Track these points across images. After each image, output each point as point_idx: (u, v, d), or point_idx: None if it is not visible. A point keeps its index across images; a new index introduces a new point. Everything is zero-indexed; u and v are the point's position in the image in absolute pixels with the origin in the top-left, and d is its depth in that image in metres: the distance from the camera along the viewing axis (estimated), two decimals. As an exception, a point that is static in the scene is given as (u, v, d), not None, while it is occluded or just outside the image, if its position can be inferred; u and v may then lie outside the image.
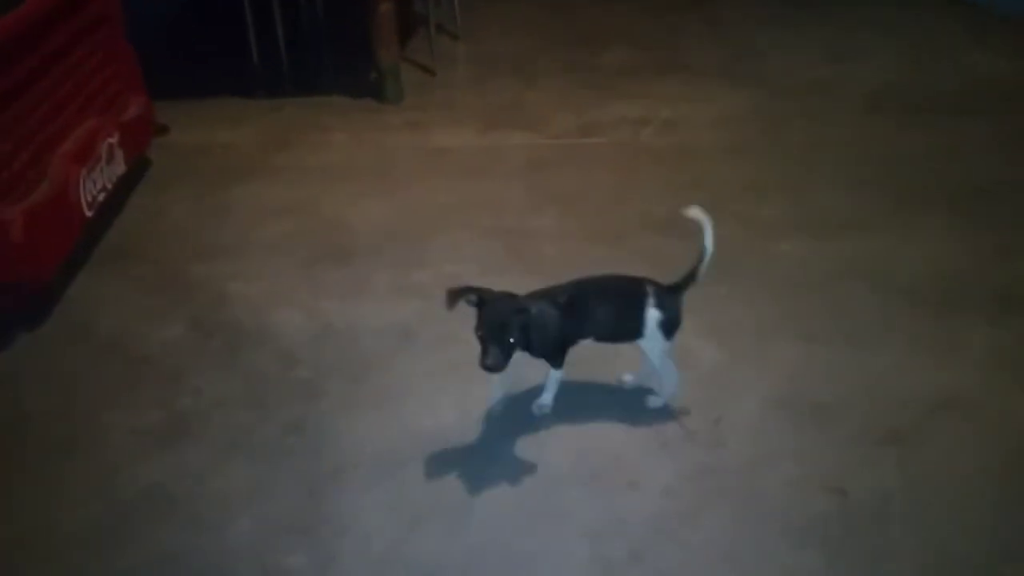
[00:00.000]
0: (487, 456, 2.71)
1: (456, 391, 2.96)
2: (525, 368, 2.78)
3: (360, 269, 3.76)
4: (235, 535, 2.44)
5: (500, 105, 5.48)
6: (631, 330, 2.68)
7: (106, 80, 4.14)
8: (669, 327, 2.69)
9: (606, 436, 2.81)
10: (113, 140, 3.96)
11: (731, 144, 4.89)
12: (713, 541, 2.43)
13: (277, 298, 3.55)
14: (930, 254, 3.77)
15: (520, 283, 3.55)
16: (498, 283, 3.58)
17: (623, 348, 2.78)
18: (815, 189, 4.39)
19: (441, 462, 2.66)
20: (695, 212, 2.72)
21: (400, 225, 4.11)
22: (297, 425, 2.87)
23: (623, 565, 2.36)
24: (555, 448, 2.76)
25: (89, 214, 3.71)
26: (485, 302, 2.48)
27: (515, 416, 2.87)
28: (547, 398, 2.83)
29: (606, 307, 2.68)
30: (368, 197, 4.36)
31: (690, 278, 2.71)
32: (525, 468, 2.68)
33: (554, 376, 2.78)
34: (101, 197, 3.85)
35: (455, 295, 2.47)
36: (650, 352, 2.73)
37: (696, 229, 2.72)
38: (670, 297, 2.69)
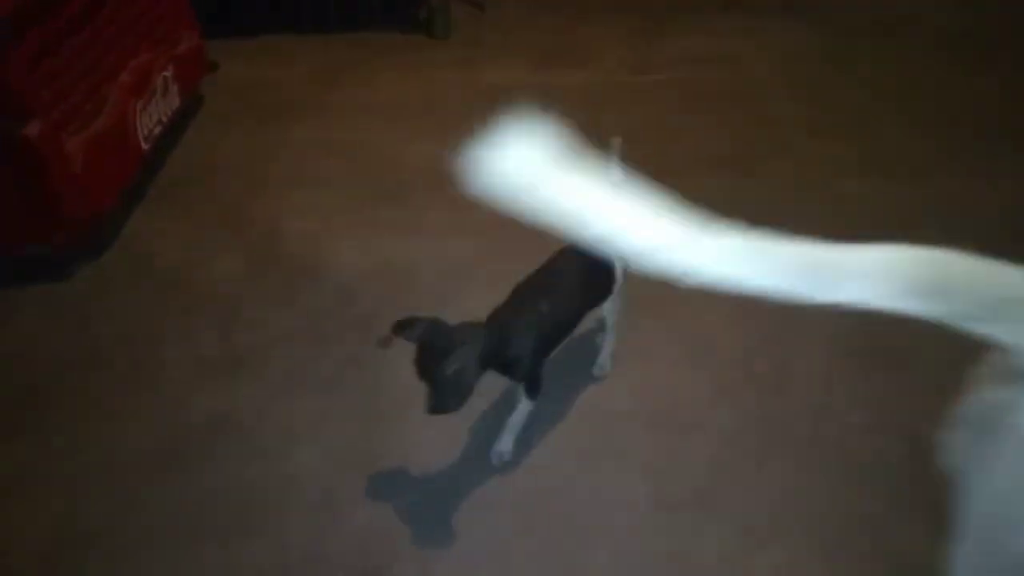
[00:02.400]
0: (546, 394, 2.69)
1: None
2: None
3: (415, 207, 3.72)
4: (298, 464, 2.47)
5: (552, 42, 5.32)
6: (601, 295, 2.53)
7: (159, 14, 4.08)
8: (626, 272, 2.54)
9: (666, 378, 2.77)
10: (168, 74, 3.93)
11: (794, 82, 4.69)
12: (777, 486, 2.40)
13: (332, 235, 3.53)
14: (1003, 197, 3.61)
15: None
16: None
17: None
18: (882, 129, 4.21)
19: (500, 400, 2.65)
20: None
21: (454, 164, 4.03)
22: (356, 360, 2.87)
23: (685, 505, 2.34)
24: (614, 388, 2.72)
25: (146, 147, 3.71)
26: (422, 339, 2.11)
27: (574, 356, 2.84)
28: (507, 443, 2.43)
29: (568, 291, 2.40)
30: (420, 135, 4.28)
31: None
32: (584, 407, 2.65)
33: (522, 411, 2.40)
34: (157, 131, 3.84)
35: (389, 336, 2.16)
36: (612, 309, 2.62)
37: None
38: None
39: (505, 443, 2.43)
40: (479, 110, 3.62)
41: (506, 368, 2.28)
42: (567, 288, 2.39)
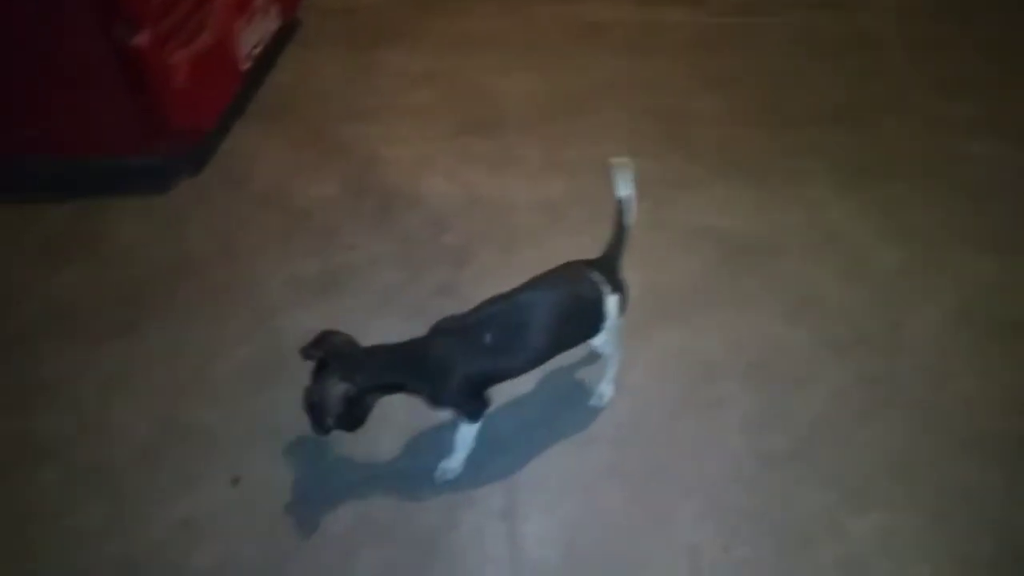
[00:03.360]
0: (637, 338, 2.62)
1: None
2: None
3: (508, 142, 3.64)
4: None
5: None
6: (589, 331, 2.17)
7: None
8: (626, 304, 2.22)
9: (765, 329, 2.66)
10: (269, -6, 3.91)
11: (916, 35, 4.39)
12: (881, 448, 2.29)
13: (426, 164, 3.49)
14: None
15: (681, 170, 3.39)
16: (653, 167, 3.44)
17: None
18: (1011, 89, 3.92)
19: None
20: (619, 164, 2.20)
21: (550, 100, 3.94)
22: (447, 288, 2.84)
23: (782, 460, 2.25)
24: (709, 335, 2.64)
25: (246, 67, 3.71)
26: (320, 368, 2.01)
27: (665, 299, 2.76)
28: (455, 461, 2.20)
29: (553, 321, 2.08)
30: (516, 69, 4.18)
31: (620, 237, 2.22)
32: (677, 353, 2.57)
33: (465, 434, 2.16)
34: (257, 51, 3.84)
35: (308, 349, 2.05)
36: (605, 342, 2.23)
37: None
38: (616, 272, 2.21)
39: (454, 461, 2.20)
40: (579, 47, 3.54)
41: (429, 397, 2.10)
42: (534, 323, 2.07)
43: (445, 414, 2.22)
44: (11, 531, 2.10)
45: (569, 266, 2.19)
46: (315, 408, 1.96)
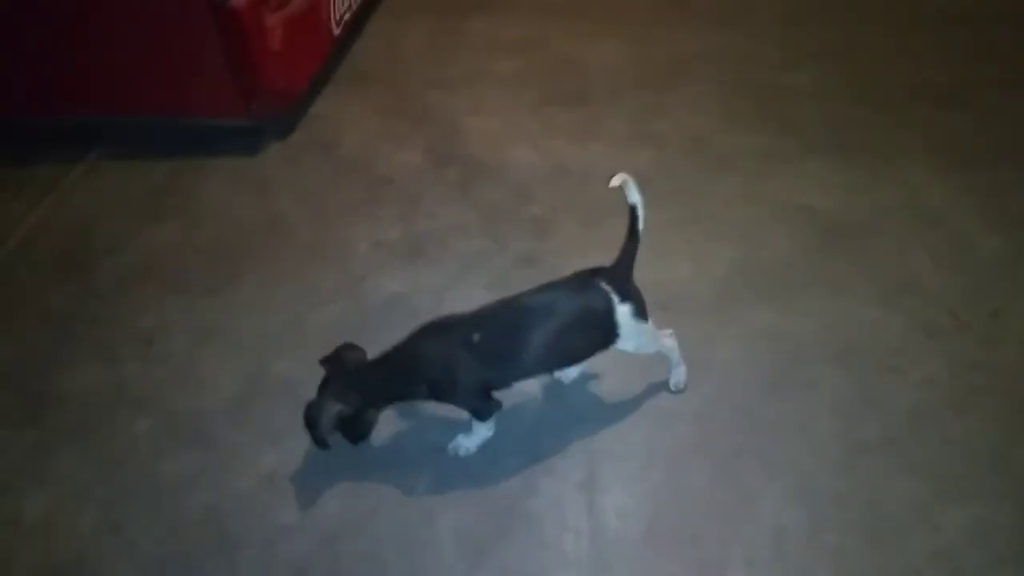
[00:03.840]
0: (726, 314, 2.56)
1: (693, 245, 2.79)
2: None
3: (594, 112, 3.59)
4: (474, 353, 2.48)
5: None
6: (600, 341, 2.11)
7: None
8: (642, 310, 2.11)
9: (860, 313, 2.56)
10: (360, -40, 3.93)
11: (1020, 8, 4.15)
12: (978, 439, 2.19)
13: (510, 134, 3.47)
14: None
15: (774, 144, 3.30)
16: (744, 141, 3.34)
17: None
18: None
19: (676, 314, 2.53)
20: (620, 180, 2.10)
21: (637, 71, 3.86)
22: (529, 258, 2.83)
23: (874, 447, 2.17)
24: (801, 316, 2.55)
25: (336, 32, 3.75)
26: (322, 385, 2.11)
27: (755, 276, 2.68)
28: (472, 442, 2.19)
29: (551, 330, 2.02)
30: (603, 39, 4.11)
31: (633, 244, 2.10)
32: (766, 332, 2.50)
33: (478, 425, 2.17)
34: (347, 17, 3.87)
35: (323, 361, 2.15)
36: (635, 347, 2.15)
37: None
38: (628, 280, 2.10)
39: (471, 441, 2.19)
40: (667, 17, 3.40)
41: (433, 399, 2.11)
42: (532, 329, 2.02)
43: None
44: (102, 478, 2.19)
45: (579, 275, 2.12)
46: (310, 425, 2.04)
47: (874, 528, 2.00)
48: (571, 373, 2.38)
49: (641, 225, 2.09)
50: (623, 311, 2.06)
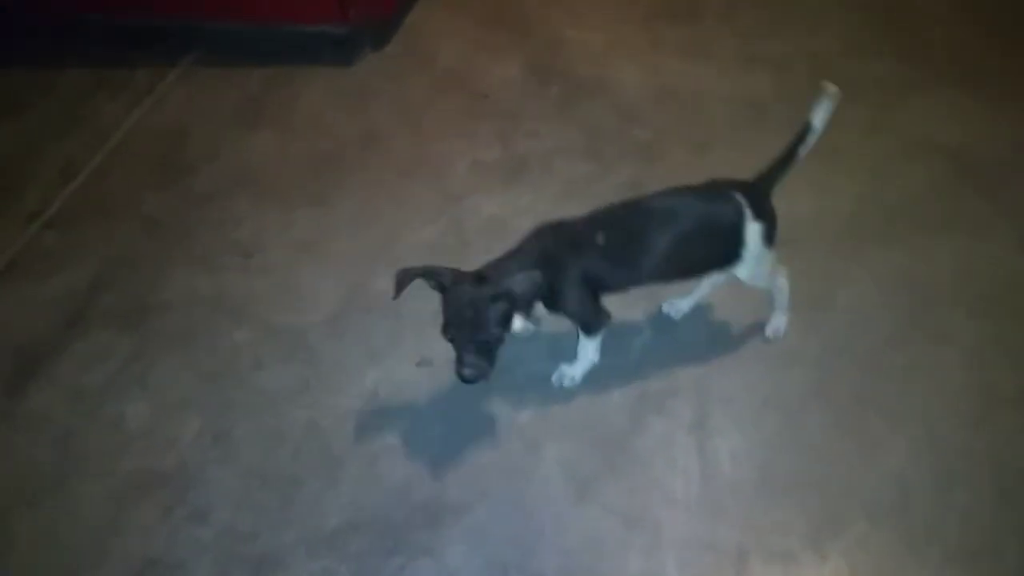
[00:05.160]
0: (851, 253, 2.38)
1: (816, 178, 2.58)
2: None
3: (706, 29, 3.35)
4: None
5: None
6: (722, 258, 1.95)
7: None
8: (773, 234, 1.94)
9: (999, 258, 2.36)
10: None
11: None
12: None
13: (615, 51, 3.27)
14: None
15: (901, 72, 3.02)
16: (871, 67, 3.07)
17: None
18: None
19: (795, 250, 2.34)
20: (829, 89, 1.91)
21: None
22: (635, 184, 2.67)
23: (1010, 401, 2.01)
24: (934, 259, 2.36)
25: (434, -63, 3.56)
26: (448, 288, 1.80)
27: (884, 215, 2.49)
28: (577, 370, 2.09)
29: (674, 236, 1.88)
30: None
31: (786, 163, 1.95)
32: (896, 275, 2.32)
33: (586, 345, 2.03)
34: (444, -79, 3.67)
35: (405, 278, 1.81)
36: (750, 275, 1.99)
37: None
38: (765, 198, 1.94)
39: (576, 369, 2.09)
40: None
41: (547, 302, 1.93)
42: (655, 233, 1.88)
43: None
44: (203, 388, 2.18)
45: (715, 183, 1.97)
46: (513, 301, 1.79)
47: (1007, 488, 1.87)
48: (682, 307, 2.26)
49: (805, 150, 1.96)
50: (753, 229, 1.91)
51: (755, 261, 1.95)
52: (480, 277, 1.82)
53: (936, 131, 2.77)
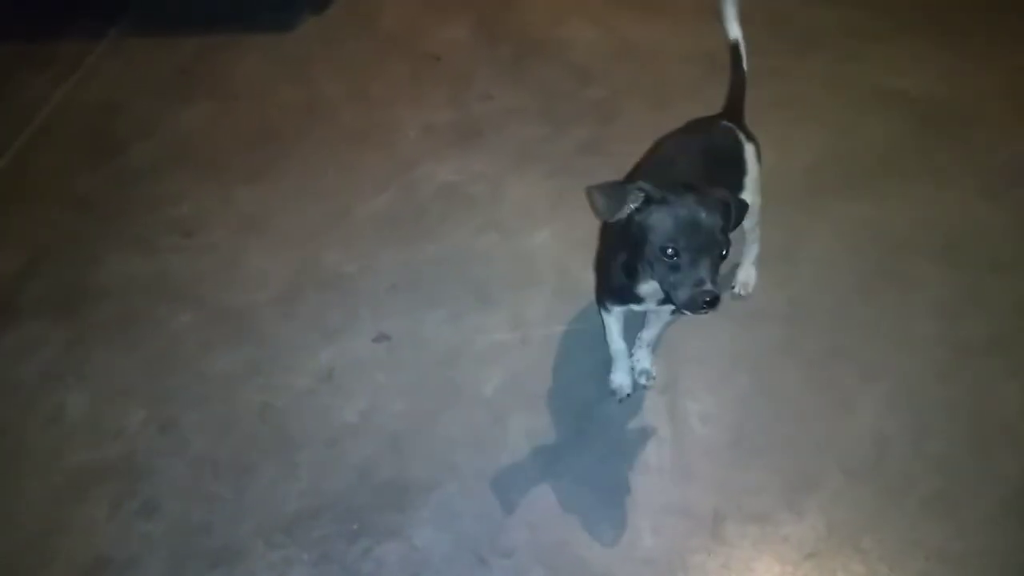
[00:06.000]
0: (815, 207, 2.33)
1: (779, 130, 2.52)
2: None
3: (660, -16, 3.26)
4: (538, 244, 2.29)
5: None
6: (732, 187, 1.79)
7: None
8: (760, 154, 1.92)
9: (963, 206, 2.33)
10: None
11: None
12: (1096, 342, 2.00)
13: (569, 9, 3.16)
14: None
15: (865, 21, 2.95)
16: (830, 16, 3.01)
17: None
18: None
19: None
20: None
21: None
22: (593, 144, 2.60)
23: (980, 349, 1.99)
24: (899, 210, 2.32)
25: None
26: (667, 201, 1.47)
27: (848, 167, 2.44)
28: (645, 363, 1.97)
29: (697, 168, 1.74)
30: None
31: (741, 85, 1.98)
32: (861, 226, 2.28)
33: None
34: None
35: (617, 195, 1.50)
36: (752, 208, 1.84)
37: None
38: (743, 121, 1.96)
39: (643, 363, 1.96)
40: None
41: None
42: (687, 168, 1.74)
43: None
44: (147, 375, 2.06)
45: (697, 122, 1.94)
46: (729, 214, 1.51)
47: (983, 435, 1.84)
48: None
49: (745, 63, 1.96)
50: (749, 151, 1.89)
51: (754, 185, 1.90)
52: (690, 187, 1.52)
53: (898, 80, 2.74)
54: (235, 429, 1.93)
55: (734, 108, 1.97)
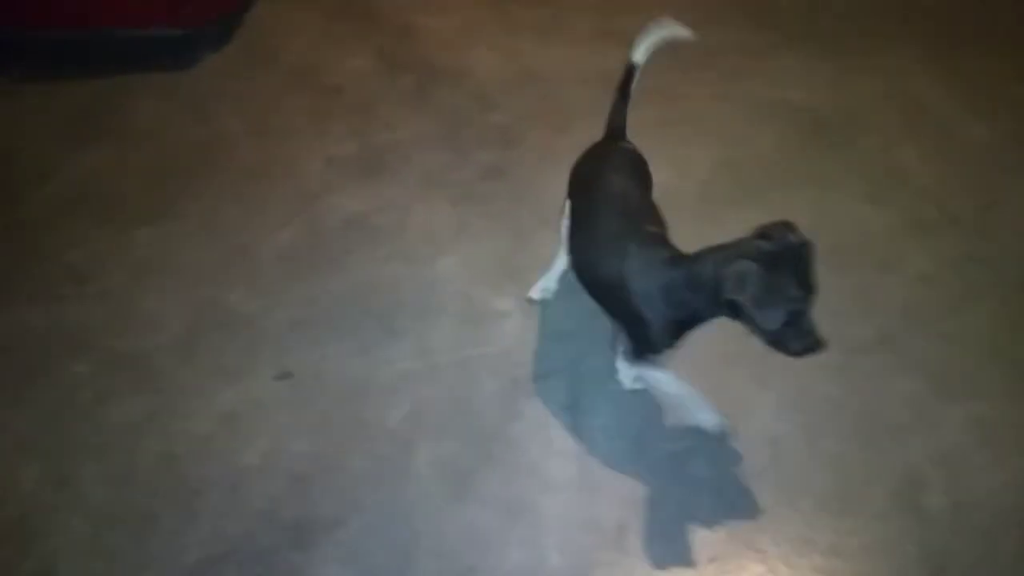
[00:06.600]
0: (708, 218, 2.39)
1: (672, 148, 2.61)
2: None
3: (560, 9, 3.33)
4: (443, 271, 2.30)
5: None
6: (649, 201, 1.93)
7: None
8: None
9: (848, 210, 2.43)
10: None
11: None
12: (975, 334, 2.10)
13: (469, 35, 3.21)
14: None
15: (750, 38, 3.10)
16: (719, 34, 3.12)
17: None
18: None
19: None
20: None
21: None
22: (496, 169, 2.63)
23: (869, 348, 2.07)
24: (788, 216, 2.38)
25: (269, -71, 3.40)
26: (796, 244, 1.55)
27: (738, 177, 2.53)
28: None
29: (629, 194, 1.86)
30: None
31: (627, 103, 2.03)
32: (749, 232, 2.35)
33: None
34: (279, -89, 3.51)
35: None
36: None
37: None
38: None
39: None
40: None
41: None
42: (611, 203, 1.82)
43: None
44: (42, 428, 1.99)
45: (596, 146, 2.00)
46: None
47: (872, 431, 1.92)
48: (549, 287, 2.21)
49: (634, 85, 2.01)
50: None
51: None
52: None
53: (783, 92, 2.85)
54: (134, 480, 1.88)
55: (620, 127, 2.02)
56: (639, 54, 2.00)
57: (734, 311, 1.58)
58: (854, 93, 2.84)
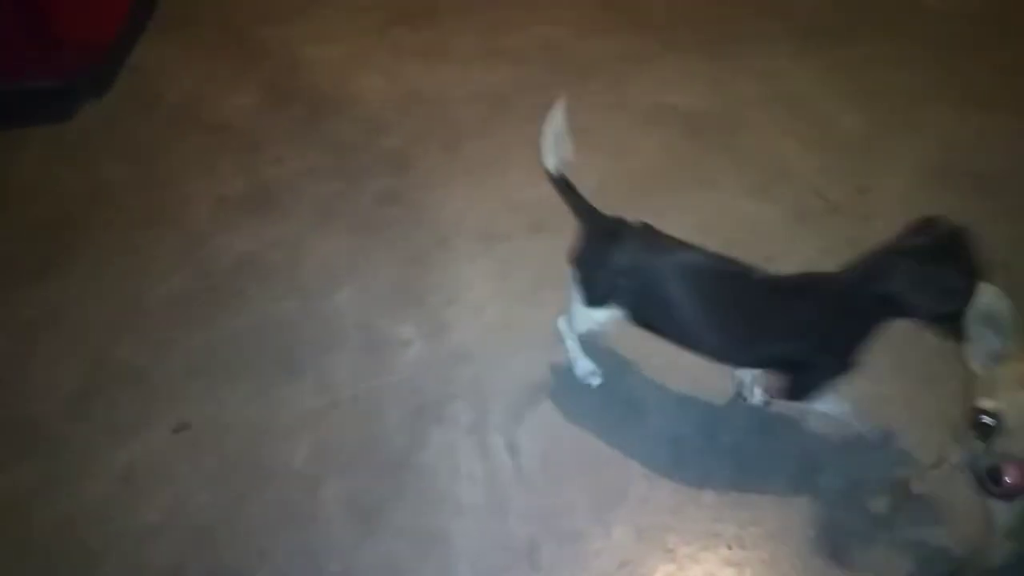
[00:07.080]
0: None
1: (563, 159, 2.66)
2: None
3: (445, 32, 3.35)
4: (341, 303, 2.28)
5: None
6: None
7: None
8: None
9: (733, 207, 2.52)
10: None
11: None
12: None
13: (356, 62, 3.20)
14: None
15: (630, 46, 3.16)
16: (600, 46, 3.20)
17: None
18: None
19: (552, 233, 2.40)
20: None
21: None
22: (391, 195, 2.63)
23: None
24: (676, 217, 2.44)
25: (144, -30, 3.33)
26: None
27: (627, 183, 2.59)
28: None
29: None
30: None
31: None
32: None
33: None
34: (154, -49, 3.44)
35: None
36: None
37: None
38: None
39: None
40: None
41: None
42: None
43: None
44: (-68, 502, 1.91)
45: (611, 247, 1.94)
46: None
47: (766, 419, 1.98)
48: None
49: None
50: None
51: None
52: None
53: (666, 97, 2.93)
54: (31, 551, 1.81)
55: (594, 211, 1.96)
56: (550, 161, 1.93)
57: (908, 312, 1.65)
58: (733, 93, 2.94)
